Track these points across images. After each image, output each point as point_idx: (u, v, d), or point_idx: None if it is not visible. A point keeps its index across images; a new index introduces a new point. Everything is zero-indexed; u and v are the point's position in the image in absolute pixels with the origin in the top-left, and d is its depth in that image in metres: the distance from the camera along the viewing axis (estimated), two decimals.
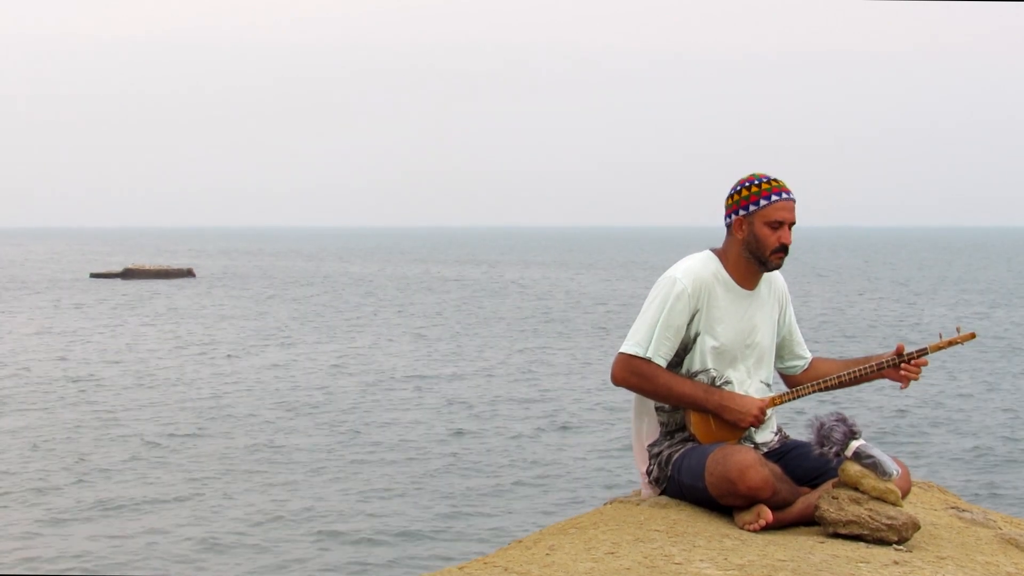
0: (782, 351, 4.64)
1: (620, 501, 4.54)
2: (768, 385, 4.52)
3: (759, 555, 3.80)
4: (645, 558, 3.73)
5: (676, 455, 4.38)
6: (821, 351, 21.32)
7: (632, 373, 4.35)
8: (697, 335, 4.38)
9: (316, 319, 42.63)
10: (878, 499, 4.07)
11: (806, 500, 4.23)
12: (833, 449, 4.09)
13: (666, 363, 4.36)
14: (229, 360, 30.14)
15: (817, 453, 4.14)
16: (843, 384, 4.51)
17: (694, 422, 4.37)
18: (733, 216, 4.43)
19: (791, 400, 4.51)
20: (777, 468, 4.23)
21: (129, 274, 67.81)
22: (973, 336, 4.45)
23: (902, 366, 4.44)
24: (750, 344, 4.45)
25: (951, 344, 4.43)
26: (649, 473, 4.49)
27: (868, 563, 3.80)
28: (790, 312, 4.65)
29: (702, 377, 4.38)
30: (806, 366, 4.65)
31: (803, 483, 4.33)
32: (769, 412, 4.45)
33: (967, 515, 4.64)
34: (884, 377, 4.48)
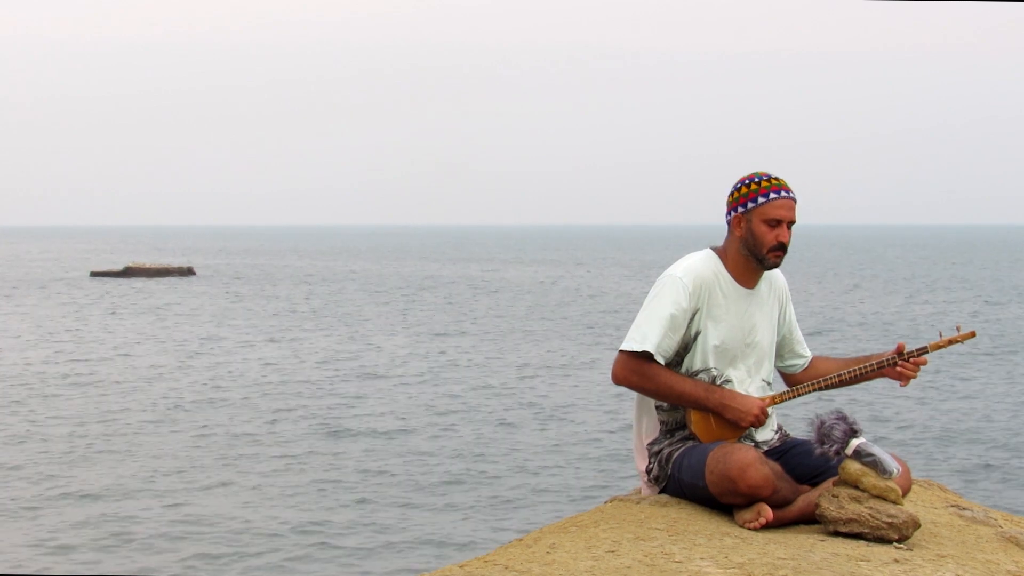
0: (782, 350, 4.64)
1: (620, 499, 4.54)
2: (768, 383, 4.52)
3: (759, 553, 3.80)
4: (645, 556, 3.73)
5: (676, 453, 4.38)
6: (820, 349, 21.33)
7: (632, 371, 4.35)
8: (697, 334, 4.38)
9: (315, 318, 42.63)
10: (879, 497, 4.07)
11: (806, 498, 4.23)
12: (833, 447, 4.09)
13: (666, 362, 4.36)
14: (228, 358, 30.13)
15: (817, 451, 4.14)
16: (843, 383, 4.51)
17: (694, 421, 4.37)
18: (732, 213, 4.43)
19: (791, 399, 4.50)
20: (777, 466, 4.23)
21: (130, 272, 67.82)
22: (973, 335, 4.45)
23: (902, 364, 4.44)
24: (750, 343, 4.45)
25: (951, 343, 4.43)
26: (649, 471, 4.48)
27: (868, 561, 3.81)
28: (790, 311, 4.65)
29: (703, 376, 4.38)
30: (806, 365, 4.65)
31: (803, 481, 4.32)
32: (769, 411, 4.45)
33: (968, 513, 4.64)
34: (884, 376, 4.48)
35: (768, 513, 4.13)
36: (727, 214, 4.46)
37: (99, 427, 20.41)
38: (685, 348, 4.39)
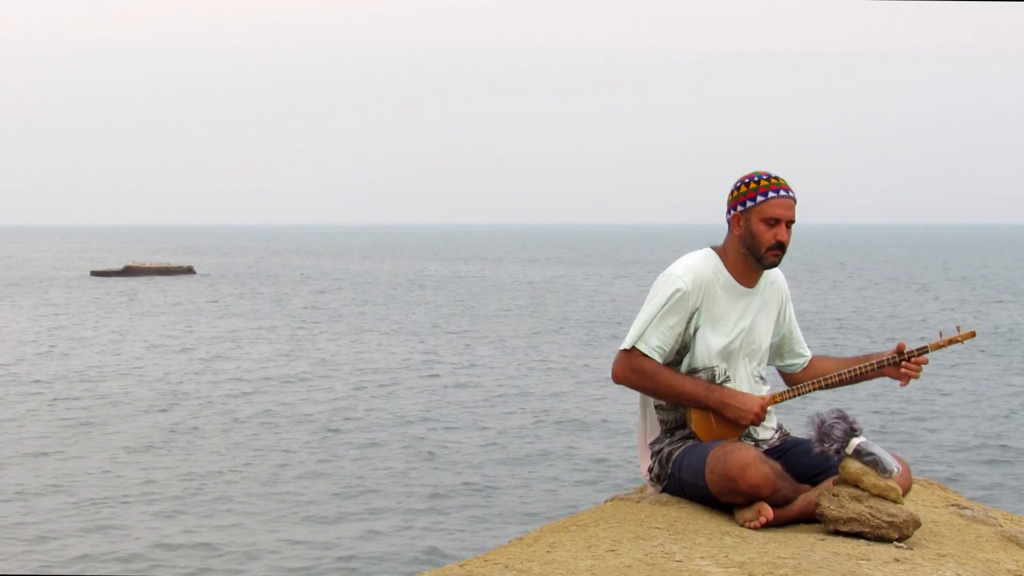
0: (782, 349, 4.64)
1: (620, 499, 4.54)
2: (765, 381, 4.53)
3: (760, 552, 3.80)
4: (646, 555, 3.73)
5: (677, 452, 4.38)
6: (817, 348, 21.33)
7: (632, 371, 4.35)
8: (697, 332, 4.38)
9: (314, 317, 42.64)
10: (879, 496, 4.07)
11: (807, 497, 4.23)
12: (834, 446, 4.09)
13: (666, 360, 4.36)
14: (227, 357, 30.14)
15: (818, 450, 4.14)
16: (843, 382, 4.51)
17: (695, 420, 4.37)
18: (731, 212, 4.43)
19: (791, 398, 4.50)
20: (778, 465, 4.23)
21: (130, 272, 67.83)
22: (973, 335, 4.45)
23: (903, 364, 4.44)
24: (750, 342, 4.45)
25: (951, 343, 4.43)
26: (650, 471, 4.49)
27: (869, 560, 3.81)
28: (790, 310, 4.65)
29: (702, 375, 4.38)
30: (806, 364, 4.65)
31: (804, 480, 4.33)
32: (769, 410, 4.45)
33: (968, 512, 4.64)
34: (885, 375, 4.48)
35: (768, 512, 4.14)
36: (727, 213, 4.46)
37: (98, 426, 20.41)
38: (685, 347, 4.39)
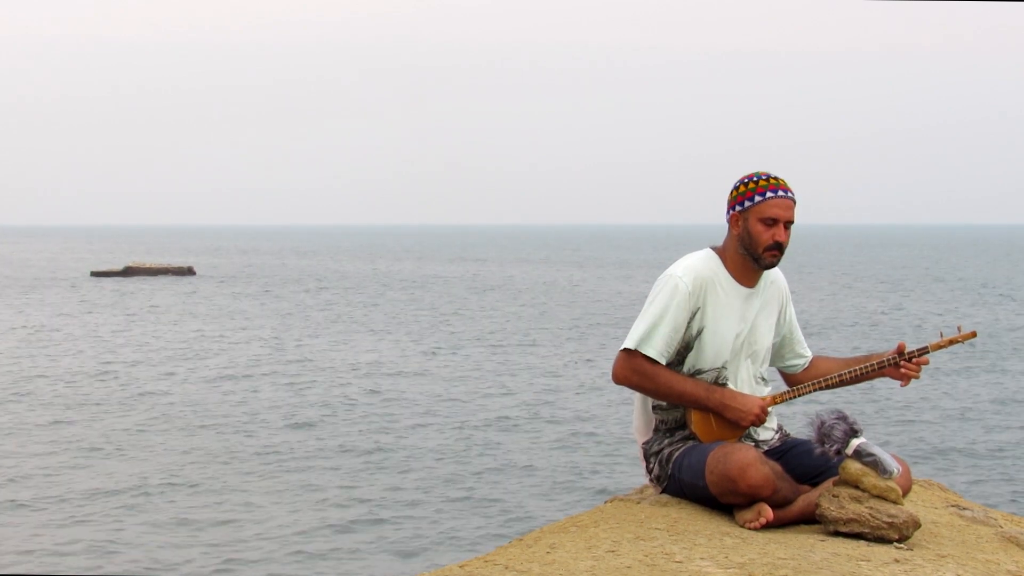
0: (782, 350, 4.64)
1: (620, 499, 4.54)
2: (766, 382, 4.53)
3: (760, 553, 3.80)
4: (646, 556, 3.73)
5: (677, 453, 4.38)
6: (817, 349, 21.33)
7: (633, 371, 4.35)
8: (698, 333, 4.38)
9: (313, 317, 42.65)
10: (879, 497, 4.07)
11: (807, 498, 4.23)
12: (834, 447, 4.09)
13: (667, 361, 4.36)
14: (227, 356, 30.15)
15: (818, 451, 4.15)
16: (844, 383, 4.51)
17: (695, 420, 4.37)
18: (731, 212, 4.44)
19: (792, 399, 4.50)
20: (778, 466, 4.23)
21: (130, 272, 67.82)
22: (974, 335, 4.45)
23: (903, 364, 4.44)
24: (751, 342, 4.45)
25: (952, 343, 4.43)
26: (650, 471, 4.49)
27: (869, 561, 3.81)
28: (790, 311, 4.65)
29: (706, 375, 4.38)
30: (806, 364, 4.65)
31: (804, 481, 4.33)
32: (769, 410, 4.45)
33: (968, 513, 4.64)
34: (885, 375, 4.48)
35: (768, 513, 4.14)
36: (726, 213, 4.47)
37: (98, 427, 20.41)
38: (686, 347, 4.39)
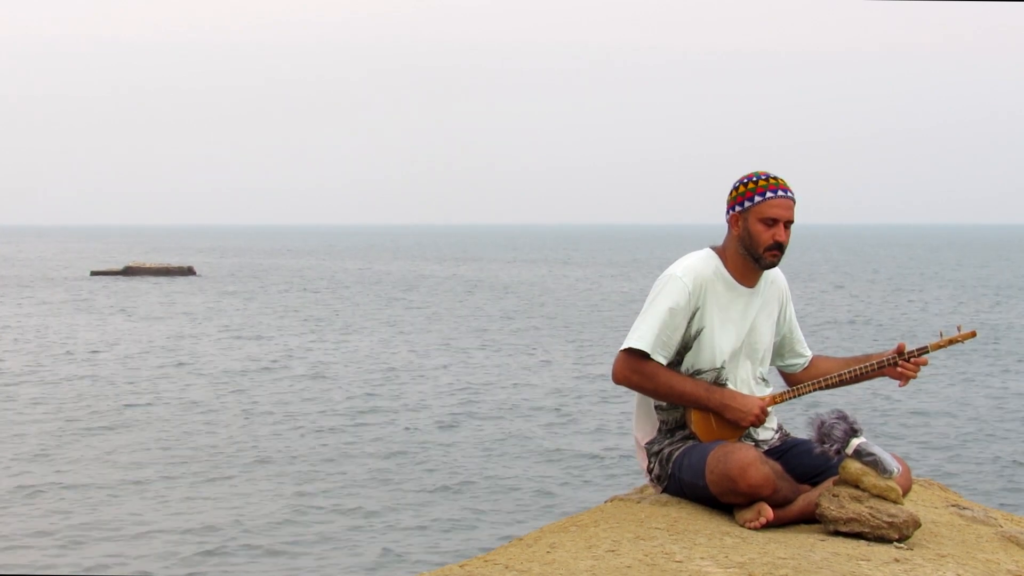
0: (782, 349, 4.64)
1: (620, 499, 4.54)
2: (767, 382, 4.53)
3: (760, 553, 3.80)
4: (646, 556, 3.73)
5: (677, 453, 4.39)
6: (817, 348, 21.33)
7: (633, 371, 4.35)
8: (698, 333, 4.38)
9: (313, 317, 42.65)
10: (879, 497, 4.08)
11: (807, 498, 4.23)
12: (834, 447, 4.09)
13: (667, 361, 4.36)
14: (227, 356, 30.15)
15: (818, 451, 4.15)
16: (843, 382, 4.51)
17: (695, 420, 4.37)
18: (730, 212, 4.44)
19: (792, 398, 4.51)
20: (778, 466, 4.23)
21: (130, 272, 67.81)
22: (973, 335, 4.46)
23: (901, 364, 4.45)
24: (750, 342, 4.45)
25: (952, 343, 4.43)
26: (650, 471, 4.49)
27: (869, 561, 3.81)
28: (790, 310, 4.65)
29: (707, 375, 4.38)
30: (806, 364, 4.65)
31: (804, 481, 4.33)
32: (769, 410, 4.46)
33: (968, 513, 4.64)
34: (884, 375, 4.49)
35: (768, 512, 4.14)
36: (726, 213, 4.47)
37: (97, 426, 20.41)
38: (686, 347, 4.39)
